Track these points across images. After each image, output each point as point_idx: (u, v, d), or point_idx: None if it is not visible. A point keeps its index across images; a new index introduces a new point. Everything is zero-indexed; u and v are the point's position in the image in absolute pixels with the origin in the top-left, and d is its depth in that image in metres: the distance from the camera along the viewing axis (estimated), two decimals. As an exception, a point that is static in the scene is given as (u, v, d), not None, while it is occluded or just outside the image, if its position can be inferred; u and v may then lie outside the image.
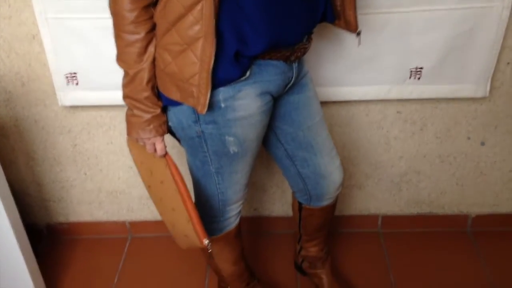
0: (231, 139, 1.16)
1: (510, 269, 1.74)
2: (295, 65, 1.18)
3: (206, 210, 1.35)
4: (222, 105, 1.11)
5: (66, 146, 1.75)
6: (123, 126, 1.70)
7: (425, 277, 1.73)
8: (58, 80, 1.55)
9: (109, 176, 1.82)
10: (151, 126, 1.14)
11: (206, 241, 1.21)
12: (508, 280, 1.69)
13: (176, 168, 1.19)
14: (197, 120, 1.13)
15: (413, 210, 1.89)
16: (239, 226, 1.45)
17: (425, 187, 1.83)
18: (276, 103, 1.25)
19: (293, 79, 1.20)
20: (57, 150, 1.75)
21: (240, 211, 1.42)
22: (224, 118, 1.13)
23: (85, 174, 1.81)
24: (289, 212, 1.88)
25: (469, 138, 1.70)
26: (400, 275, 1.74)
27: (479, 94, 1.55)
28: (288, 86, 1.21)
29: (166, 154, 1.19)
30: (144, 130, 1.14)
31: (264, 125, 1.22)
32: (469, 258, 1.79)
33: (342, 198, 1.87)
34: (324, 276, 1.65)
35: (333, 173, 1.39)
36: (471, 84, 1.53)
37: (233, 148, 1.18)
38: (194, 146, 1.20)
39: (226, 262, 1.50)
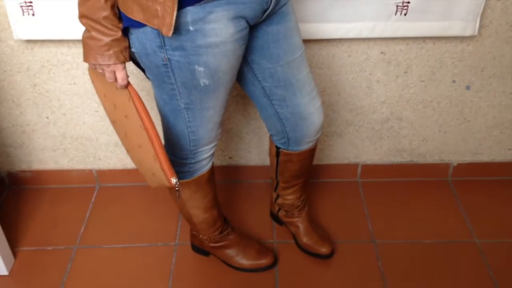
0: (201, 69, 1.05)
1: (490, 219, 1.71)
2: None
3: (176, 151, 1.26)
4: (191, 28, 1.00)
5: (25, 86, 1.61)
6: (86, 64, 1.55)
7: (404, 227, 1.68)
8: (13, 10, 1.41)
9: (73, 120, 1.70)
10: (111, 52, 1.02)
11: (174, 180, 1.12)
12: (487, 229, 1.67)
13: (140, 101, 1.08)
14: (162, 45, 1.02)
15: (394, 158, 1.83)
16: (212, 170, 1.36)
17: (406, 134, 1.77)
18: (252, 33, 1.14)
19: (271, 4, 1.08)
20: (16, 90, 1.62)
21: (212, 154, 1.33)
22: (193, 44, 1.02)
23: (47, 118, 1.69)
24: (266, 161, 1.81)
25: (454, 82, 1.63)
26: (379, 225, 1.69)
27: (468, 32, 1.47)
28: (266, 12, 1.09)
29: (128, 85, 1.08)
30: (103, 55, 1.02)
31: (238, 56, 1.11)
32: (449, 208, 1.76)
33: (320, 147, 1.80)
34: (301, 225, 1.59)
35: (313, 114, 1.31)
36: (459, 21, 1.45)
37: (203, 80, 1.08)
38: (160, 76, 1.09)
39: (198, 209, 1.41)
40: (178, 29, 0.99)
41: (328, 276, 1.53)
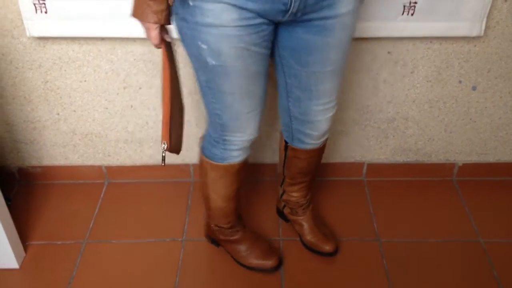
0: (204, 46, 1.09)
1: (494, 219, 1.72)
2: None
3: (211, 129, 1.32)
4: (190, 3, 1.04)
5: (37, 83, 1.64)
6: (96, 62, 1.59)
7: (409, 226, 1.70)
8: (26, 7, 1.43)
9: (83, 117, 1.73)
10: (148, 10, 1.07)
11: (162, 145, 1.16)
12: (492, 229, 1.67)
13: (168, 64, 1.15)
14: (177, 14, 1.09)
15: (399, 158, 1.85)
16: (242, 165, 1.37)
17: (412, 134, 1.78)
18: (286, 33, 1.16)
19: (292, 7, 1.06)
20: (27, 87, 1.65)
21: (246, 149, 1.34)
22: (193, 20, 1.06)
23: (58, 114, 1.72)
24: (276, 159, 1.83)
25: (460, 82, 1.64)
26: (384, 224, 1.70)
27: (474, 32, 1.48)
28: (288, 14, 1.07)
29: (162, 46, 1.13)
30: (142, 13, 1.07)
31: (247, 44, 1.10)
32: (454, 207, 1.77)
33: (327, 145, 1.81)
34: (305, 223, 1.61)
35: (320, 122, 1.34)
36: (466, 22, 1.46)
37: (209, 59, 1.11)
38: (184, 46, 1.16)
39: (217, 195, 1.43)
40: (181, 0, 1.04)
41: (334, 274, 1.54)
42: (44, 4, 1.42)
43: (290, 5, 1.06)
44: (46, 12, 1.44)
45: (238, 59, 1.12)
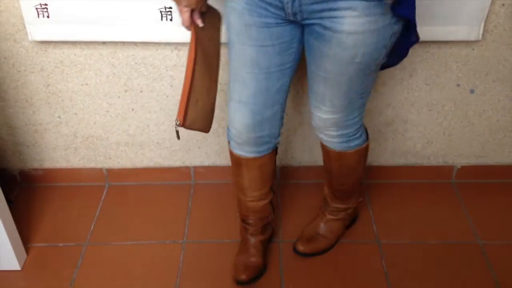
0: (227, 10, 1.20)
1: (493, 221, 1.73)
2: None
3: None
4: None
5: (39, 86, 1.65)
6: (98, 65, 1.61)
7: (408, 228, 1.71)
8: (28, 12, 1.45)
9: (84, 120, 1.74)
10: None
11: (176, 121, 1.18)
12: (490, 231, 1.69)
13: (195, 46, 1.17)
14: None
15: (399, 160, 1.86)
16: (244, 162, 1.39)
17: (411, 137, 1.79)
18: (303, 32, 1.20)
19: (287, 8, 1.11)
20: (29, 90, 1.66)
21: (238, 143, 1.36)
22: None
23: (59, 117, 1.73)
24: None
25: (458, 85, 1.65)
26: (383, 225, 1.72)
27: (472, 36, 1.50)
28: (289, 13, 1.13)
29: (192, 28, 1.18)
30: None
31: (256, 25, 1.16)
32: (453, 209, 1.78)
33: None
34: (313, 223, 1.65)
35: (314, 116, 1.34)
36: (464, 25, 1.48)
37: (227, 23, 1.22)
38: None
39: (235, 182, 1.47)
40: None
41: (333, 276, 1.55)
42: (46, 8, 1.44)
43: (286, 3, 1.11)
44: (48, 17, 1.45)
45: (239, 30, 1.19)
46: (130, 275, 1.56)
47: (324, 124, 1.34)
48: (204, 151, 1.83)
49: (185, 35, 1.50)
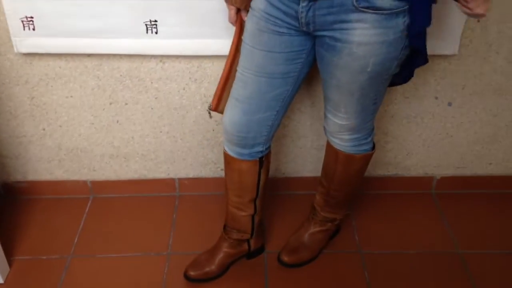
0: (249, 13, 1.28)
1: (471, 230, 1.77)
2: (302, 4, 1.14)
3: None
4: None
5: (23, 99, 1.66)
6: (83, 78, 1.62)
7: (389, 237, 1.74)
8: (14, 24, 1.46)
9: (69, 132, 1.75)
10: None
11: (209, 104, 1.37)
12: (469, 240, 1.73)
13: (238, 38, 1.31)
14: None
15: (380, 171, 1.90)
16: (232, 161, 1.41)
17: (391, 148, 1.83)
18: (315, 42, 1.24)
19: (301, 17, 1.16)
20: (14, 102, 1.67)
21: (228, 142, 1.39)
22: None
23: (44, 129, 1.73)
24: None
25: (436, 98, 1.70)
26: (365, 236, 1.74)
27: (449, 51, 1.55)
28: (302, 22, 1.17)
29: (237, 25, 1.32)
30: None
31: (269, 32, 1.22)
32: (433, 219, 1.82)
33: (310, 160, 1.86)
34: (299, 231, 1.67)
35: (329, 121, 1.38)
36: (441, 40, 1.52)
37: (245, 24, 1.29)
38: None
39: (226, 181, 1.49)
40: None
41: (317, 285, 1.57)
42: (32, 21, 1.45)
43: (299, 15, 1.16)
44: (34, 29, 1.47)
45: (252, 35, 1.25)
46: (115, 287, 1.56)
47: (340, 129, 1.38)
48: (189, 162, 1.84)
49: (170, 48, 1.53)
